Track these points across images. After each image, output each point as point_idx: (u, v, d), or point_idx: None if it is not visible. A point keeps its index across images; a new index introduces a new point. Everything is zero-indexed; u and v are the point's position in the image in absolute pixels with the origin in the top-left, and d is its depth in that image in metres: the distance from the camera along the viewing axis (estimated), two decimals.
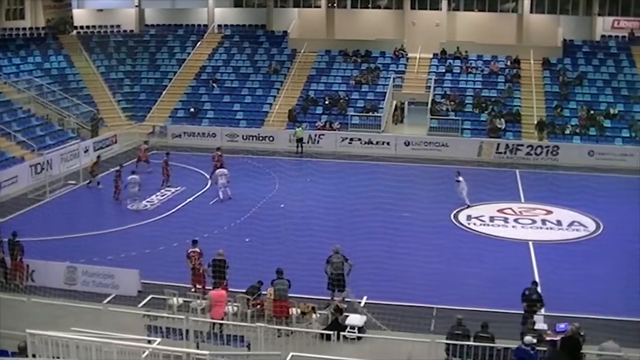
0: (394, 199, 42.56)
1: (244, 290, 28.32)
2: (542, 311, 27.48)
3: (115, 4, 78.67)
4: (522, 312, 26.57)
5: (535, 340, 22.89)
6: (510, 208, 43.31)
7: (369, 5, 76.20)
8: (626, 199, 45.56)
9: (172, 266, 31.43)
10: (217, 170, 45.29)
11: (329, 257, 29.70)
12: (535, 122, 57.80)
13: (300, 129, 57.76)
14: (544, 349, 23.13)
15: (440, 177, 49.45)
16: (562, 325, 25.68)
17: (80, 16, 74.47)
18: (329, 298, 29.19)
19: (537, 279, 29.88)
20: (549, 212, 42.50)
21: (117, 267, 31.66)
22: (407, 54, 68.16)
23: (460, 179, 43.28)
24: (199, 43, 72.25)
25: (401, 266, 32.87)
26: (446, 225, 40.42)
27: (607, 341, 22.98)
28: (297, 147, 57.06)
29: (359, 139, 58.30)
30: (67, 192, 45.91)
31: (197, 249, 30.29)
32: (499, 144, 56.45)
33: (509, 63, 65.77)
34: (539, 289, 27.67)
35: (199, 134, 60.50)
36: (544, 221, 41.26)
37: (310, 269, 30.09)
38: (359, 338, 26.34)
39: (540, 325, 25.94)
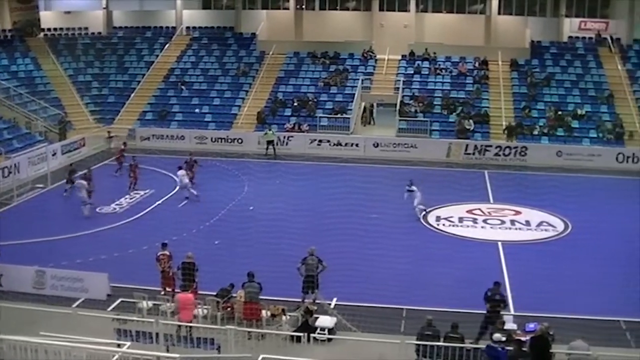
0: (363, 201, 42.52)
1: (215, 293, 28.28)
2: (508, 312, 27.64)
3: (83, 6, 78.20)
4: (485, 312, 26.58)
5: (504, 338, 23.02)
6: (479, 209, 43.48)
7: (337, 7, 76.38)
8: (594, 198, 46.04)
9: (142, 269, 31.29)
10: (179, 172, 45.20)
11: (304, 258, 29.67)
12: (504, 126, 58.01)
13: (270, 131, 57.70)
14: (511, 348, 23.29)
15: (409, 179, 49.59)
16: (531, 325, 25.89)
17: (48, 18, 73.96)
18: (299, 300, 29.18)
19: (505, 279, 30.09)
20: (518, 213, 42.72)
21: (86, 270, 31.47)
22: (375, 56, 68.33)
23: (414, 188, 42.27)
24: (167, 45, 72.08)
25: (371, 267, 32.89)
26: (415, 226, 40.50)
27: (576, 340, 23.14)
28: (267, 149, 56.97)
29: (328, 141, 58.35)
30: (35, 195, 45.61)
31: (166, 252, 30.15)
32: (467, 145, 56.70)
33: (477, 64, 66.11)
34: (504, 290, 27.77)
35: (167, 136, 60.30)
36: (512, 221, 41.47)
37: (280, 270, 30.03)
38: (329, 340, 26.34)
39: (510, 325, 26.09)
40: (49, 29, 73.46)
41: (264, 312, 27.61)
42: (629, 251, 35.51)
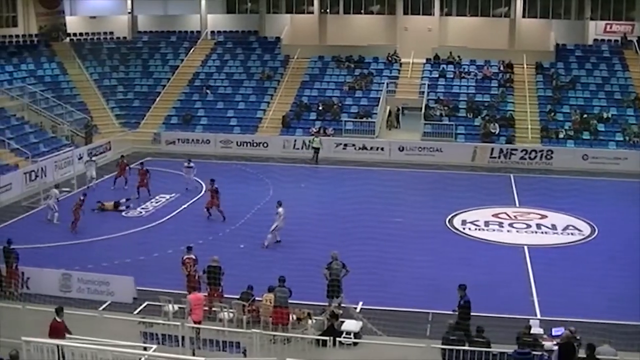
0: (388, 205, 42.56)
1: (238, 297, 28.29)
2: (534, 316, 27.49)
3: (108, 10, 78.63)
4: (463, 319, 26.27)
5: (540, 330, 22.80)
6: (504, 212, 43.32)
7: (361, 11, 76.38)
8: (620, 202, 45.78)
9: (167, 272, 31.36)
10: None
11: (329, 263, 29.62)
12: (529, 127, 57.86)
13: (317, 139, 57.19)
14: (540, 353, 23.16)
15: (434, 182, 49.57)
16: (557, 330, 25.69)
17: (73, 23, 74.33)
18: (324, 304, 29.14)
19: (531, 283, 29.97)
20: (544, 216, 42.51)
21: (112, 274, 31.57)
22: (400, 60, 68.20)
23: (280, 210, 37.53)
24: (191, 49, 72.21)
25: (396, 271, 32.79)
26: (441, 230, 40.39)
27: (602, 345, 22.95)
28: (314, 156, 56.41)
29: (353, 145, 58.29)
30: (61, 199, 45.67)
31: (192, 256, 30.13)
32: (492, 149, 56.49)
33: (501, 68, 65.86)
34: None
35: (192, 140, 60.43)
36: (538, 225, 41.26)
37: (305, 274, 29.99)
38: (354, 344, 26.27)
39: (536, 329, 25.94)
40: (74, 34, 73.86)
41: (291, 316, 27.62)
42: None
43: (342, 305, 28.65)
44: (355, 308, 28.70)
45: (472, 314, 26.15)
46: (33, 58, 66.87)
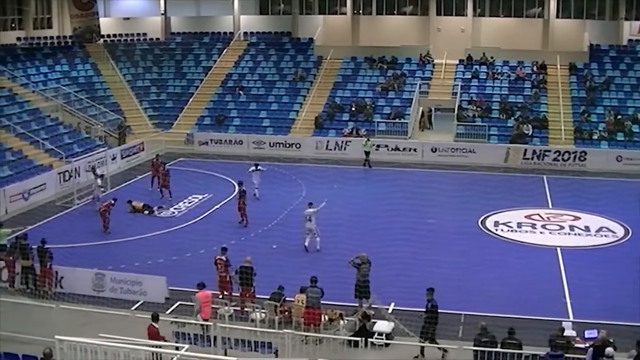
0: (420, 206, 42.48)
1: (269, 297, 28.36)
2: (567, 318, 27.34)
3: (141, 12, 79.10)
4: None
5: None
6: (537, 214, 43.14)
7: (394, 12, 76.24)
8: None
9: (200, 273, 31.42)
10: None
11: (359, 265, 29.65)
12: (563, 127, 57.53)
13: (369, 141, 56.21)
14: (574, 356, 23.06)
15: (466, 184, 49.45)
16: (590, 332, 25.55)
17: (107, 25, 74.77)
18: (356, 305, 29.18)
19: (564, 285, 29.88)
20: (577, 218, 42.28)
21: (145, 274, 31.75)
22: (432, 60, 68.05)
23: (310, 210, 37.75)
24: (224, 50, 72.40)
25: (428, 272, 32.60)
26: (473, 231, 40.29)
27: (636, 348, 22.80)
28: (366, 160, 55.44)
29: (386, 146, 58.18)
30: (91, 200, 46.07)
31: (223, 257, 30.16)
32: (525, 150, 56.22)
33: (535, 68, 65.57)
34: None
35: (225, 141, 60.59)
36: (572, 227, 41.05)
37: (338, 275, 30.05)
38: (386, 344, 26.32)
39: (569, 331, 25.82)
40: (108, 35, 74.31)
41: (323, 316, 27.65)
42: None
43: (374, 306, 28.65)
44: (387, 309, 28.65)
45: (503, 315, 26.05)
46: (67, 59, 67.34)
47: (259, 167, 46.50)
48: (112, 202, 40.72)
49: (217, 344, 24.23)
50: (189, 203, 45.16)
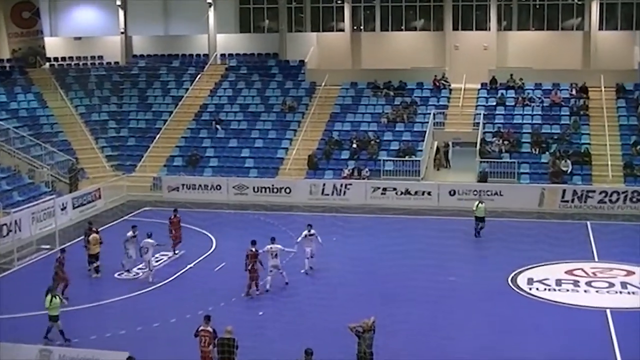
0: (438, 260, 42.49)
1: None
2: None
3: (96, 30, 79.40)
4: None
5: None
6: (581, 269, 43.04)
7: (402, 27, 76.66)
8: None
9: (171, 346, 31.25)
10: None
11: (361, 332, 29.45)
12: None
13: (483, 205, 50.49)
14: None
15: (494, 233, 49.32)
16: None
17: (54, 46, 75.17)
18: None
19: (616, 355, 29.66)
20: (630, 273, 42.16)
21: (103, 349, 31.48)
22: (449, 85, 68.38)
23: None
24: (198, 76, 72.80)
25: (448, 339, 32.63)
26: (502, 290, 40.13)
27: None
28: (479, 228, 50.41)
29: (394, 189, 58.26)
30: (40, 258, 45.80)
31: (209, 328, 29.65)
32: (564, 191, 56.24)
33: (574, 92, 65.90)
34: None
35: (200, 186, 60.60)
36: (623, 284, 40.88)
37: (340, 345, 29.84)
38: None
39: None
40: (55, 59, 74.69)
41: None
42: None
43: None
44: None
45: None
46: (5, 88, 67.59)
47: (312, 232, 43.33)
48: (60, 255, 39.95)
49: None
50: (157, 262, 44.88)
